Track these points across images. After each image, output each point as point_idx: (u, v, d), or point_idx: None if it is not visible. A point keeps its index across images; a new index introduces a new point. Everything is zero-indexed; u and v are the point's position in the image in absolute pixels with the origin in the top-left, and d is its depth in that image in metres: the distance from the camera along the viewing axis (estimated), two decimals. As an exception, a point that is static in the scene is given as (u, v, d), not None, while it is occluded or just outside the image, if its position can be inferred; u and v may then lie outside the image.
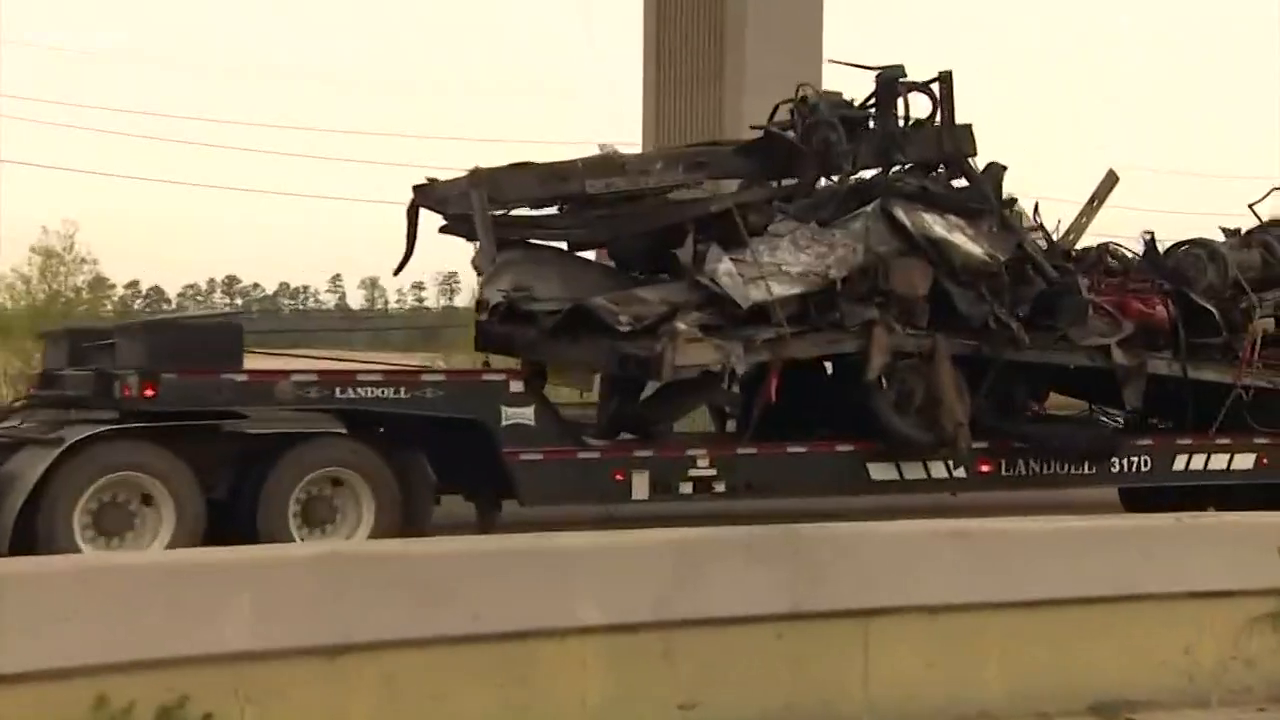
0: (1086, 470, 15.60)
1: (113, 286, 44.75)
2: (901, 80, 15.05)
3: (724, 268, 13.63)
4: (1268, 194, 17.27)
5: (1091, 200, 16.54)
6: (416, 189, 13.93)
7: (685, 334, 13.24)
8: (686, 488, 13.66)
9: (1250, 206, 17.28)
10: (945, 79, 15.23)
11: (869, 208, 14.37)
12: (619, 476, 13.36)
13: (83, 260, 36.45)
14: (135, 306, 39.86)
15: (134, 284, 42.83)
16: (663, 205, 14.09)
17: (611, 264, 15.09)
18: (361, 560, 7.68)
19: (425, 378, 12.94)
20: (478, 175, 13.69)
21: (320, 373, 12.61)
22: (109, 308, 43.02)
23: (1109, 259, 16.49)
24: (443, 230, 14.08)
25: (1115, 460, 15.74)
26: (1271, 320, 16.46)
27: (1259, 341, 16.23)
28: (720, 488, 13.80)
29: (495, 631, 7.39)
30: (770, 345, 13.74)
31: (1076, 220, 16.49)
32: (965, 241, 14.62)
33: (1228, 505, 15.81)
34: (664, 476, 13.58)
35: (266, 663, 6.87)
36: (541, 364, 14.31)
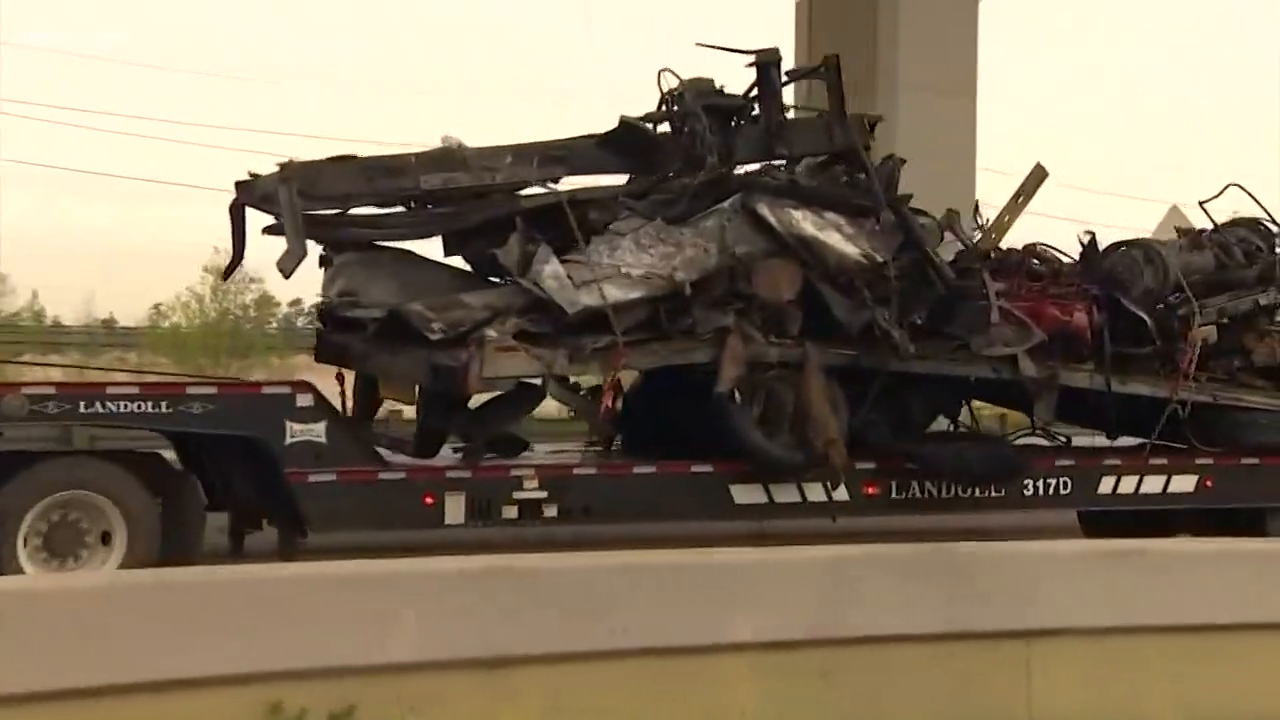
0: (993, 493, 13.66)
1: (278, 304, 44.59)
2: (783, 68, 13.24)
3: (549, 270, 12.04)
4: (1223, 190, 15.25)
5: (1016, 197, 14.76)
6: (239, 185, 12.43)
7: (494, 342, 11.65)
8: (511, 512, 12.05)
9: (1202, 204, 15.30)
10: (832, 65, 13.46)
11: (726, 204, 12.62)
12: (429, 500, 11.78)
13: (250, 280, 37.01)
14: (298, 324, 40.07)
15: (296, 302, 42.62)
16: (487, 202, 12.42)
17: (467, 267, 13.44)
18: (516, 574, 7.64)
19: (191, 391, 11.37)
20: (288, 169, 12.17)
21: (61, 385, 11.15)
22: (273, 325, 43.95)
23: (1034, 261, 14.54)
24: (267, 230, 12.55)
25: (1030, 482, 13.78)
26: (1213, 328, 14.44)
27: (1197, 352, 14.18)
28: (551, 512, 12.18)
29: (652, 646, 7.36)
30: (601, 355, 12.03)
31: (998, 219, 14.67)
32: (840, 241, 12.91)
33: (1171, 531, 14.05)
34: (484, 500, 11.96)
35: (429, 674, 6.96)
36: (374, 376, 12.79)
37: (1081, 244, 15.09)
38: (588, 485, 12.44)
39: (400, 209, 12.85)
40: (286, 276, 12.31)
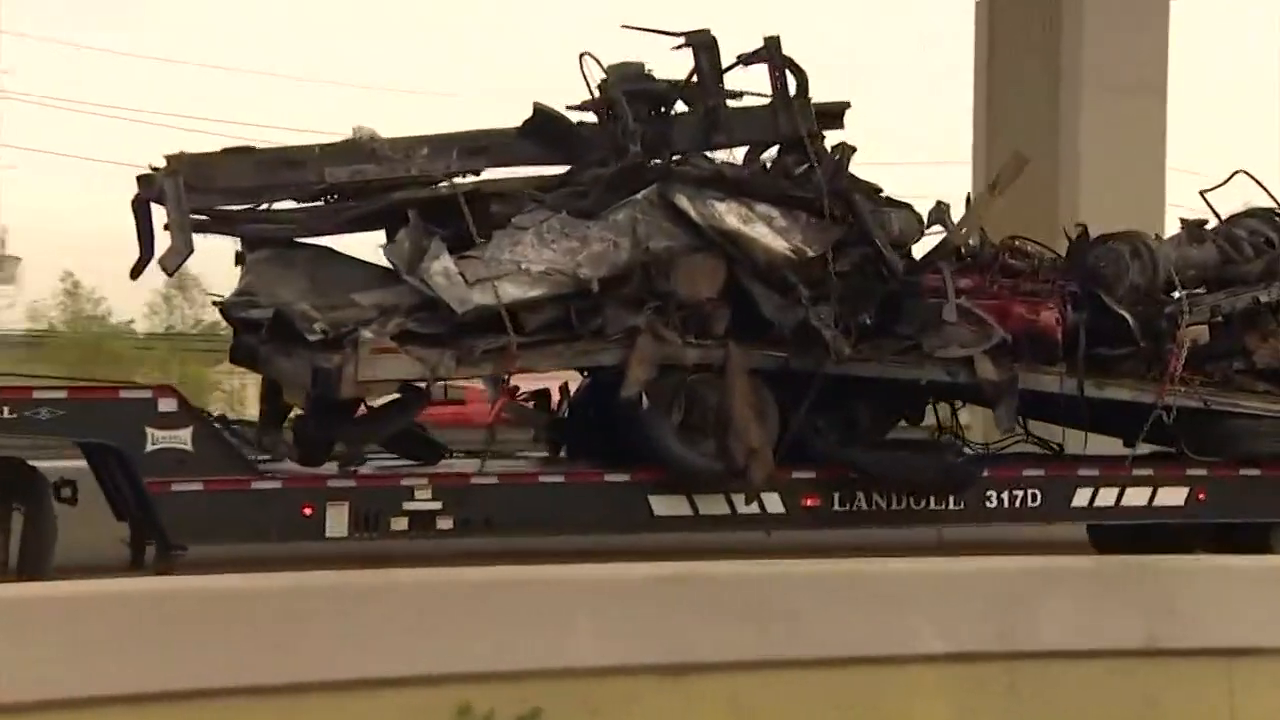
0: (950, 506, 12.47)
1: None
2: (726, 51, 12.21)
3: (438, 266, 11.16)
4: (1229, 179, 13.86)
5: (992, 187, 13.46)
6: (140, 180, 11.70)
7: (371, 344, 10.76)
8: (401, 524, 11.12)
9: (1203, 194, 13.92)
10: (773, 46, 12.37)
11: (640, 195, 11.59)
12: (308, 511, 10.92)
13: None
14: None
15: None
16: (378, 194, 11.55)
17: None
18: (699, 581, 7.53)
19: (38, 395, 10.63)
20: (175, 162, 11.40)
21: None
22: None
23: (1010, 257, 13.28)
24: (167, 227, 11.78)
25: (993, 494, 12.58)
26: (1204, 328, 13.08)
27: (1184, 353, 12.84)
28: (447, 524, 11.25)
29: (836, 656, 7.18)
30: (493, 357, 11.09)
31: (971, 211, 13.41)
32: (767, 234, 11.83)
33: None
34: (370, 511, 11.06)
35: (613, 678, 6.89)
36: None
37: (1069, 237, 13.76)
38: (487, 496, 11.50)
39: (295, 204, 11.97)
40: (169, 274, 11.58)
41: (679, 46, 12.30)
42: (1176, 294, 13.59)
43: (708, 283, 11.75)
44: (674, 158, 12.12)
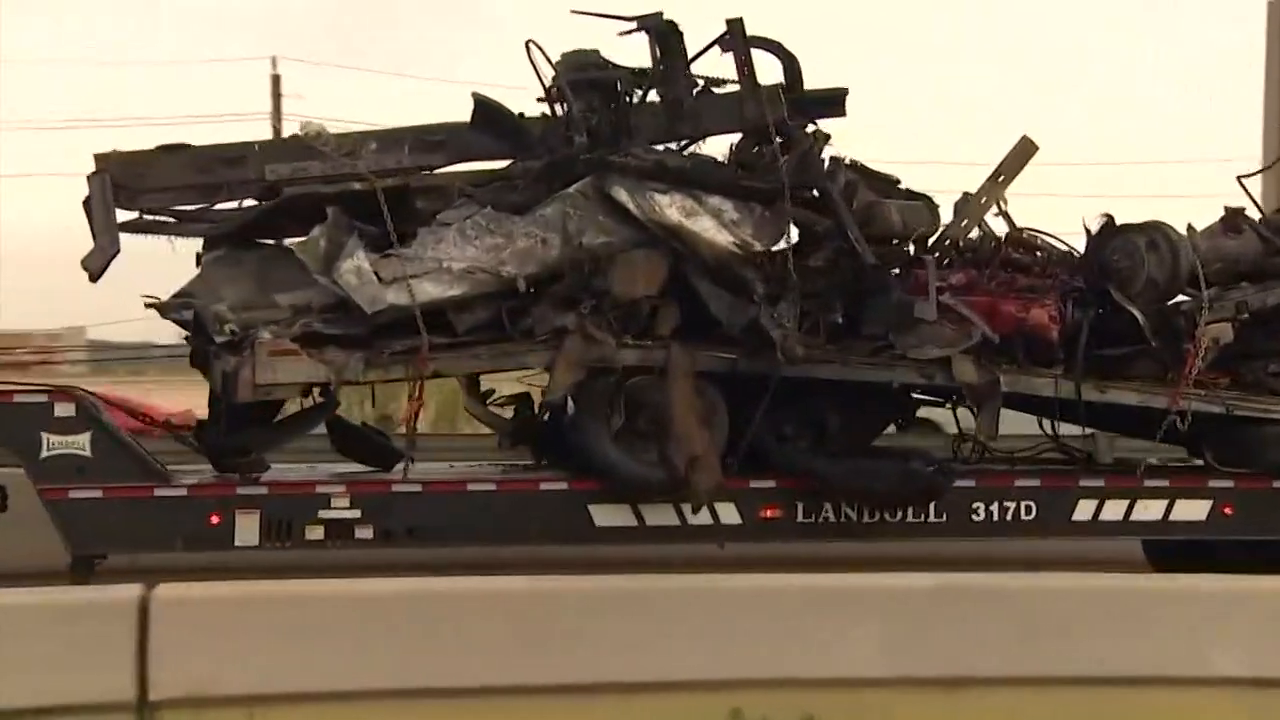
0: (929, 519, 11.40)
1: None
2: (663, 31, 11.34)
3: (349, 265, 10.55)
4: (1274, 163, 12.46)
5: (996, 175, 12.31)
6: (91, 179, 11.33)
7: (268, 345, 10.20)
8: (316, 533, 10.53)
9: (1240, 180, 12.54)
10: (736, 28, 11.45)
11: (573, 189, 10.80)
12: (215, 519, 10.40)
13: None
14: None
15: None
16: (303, 190, 10.98)
17: None
18: (975, 593, 7.23)
19: None
20: (103, 160, 11.00)
21: None
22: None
23: (1013, 251, 12.13)
24: (123, 228, 11.43)
25: (980, 506, 11.48)
26: (1227, 326, 11.75)
27: (1204, 353, 11.56)
28: (366, 533, 10.61)
29: (1119, 675, 6.74)
30: (404, 359, 10.44)
31: (974, 201, 12.28)
32: (712, 229, 10.91)
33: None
34: (282, 519, 10.49)
35: (885, 689, 6.64)
36: None
37: (1087, 229, 12.50)
38: (411, 504, 10.82)
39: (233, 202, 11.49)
40: (93, 278, 11.16)
41: (626, 32, 11.43)
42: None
43: (646, 280, 10.89)
44: (621, 149, 11.18)
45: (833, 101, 12.18)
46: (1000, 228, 12.30)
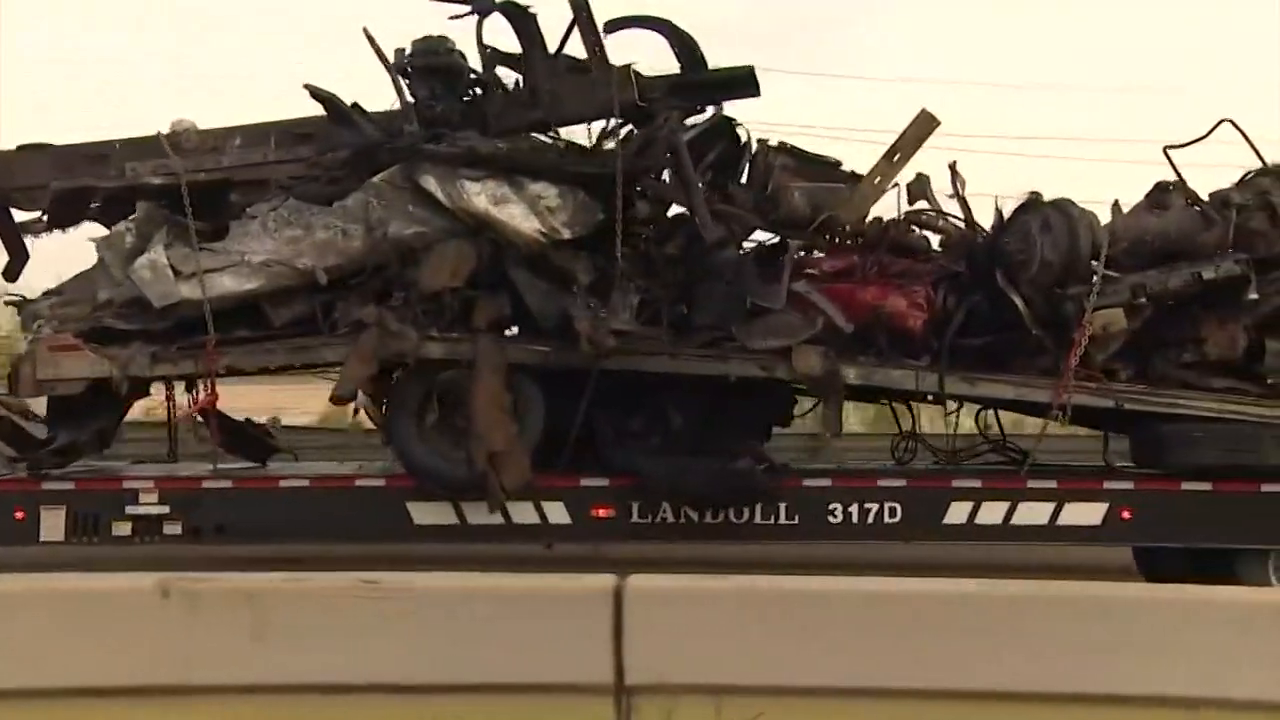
0: (781, 520, 10.48)
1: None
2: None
3: (144, 260, 10.26)
4: (1213, 129, 11.04)
5: (892, 154, 11.21)
6: None
7: (47, 342, 9.99)
8: (123, 529, 10.28)
9: (1166, 151, 11.11)
10: (580, 7, 10.74)
11: (379, 177, 10.28)
12: (19, 514, 10.26)
13: None
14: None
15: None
16: (123, 186, 10.73)
17: None
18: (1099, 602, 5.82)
19: None
20: None
21: None
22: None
23: (899, 233, 11.07)
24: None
25: (838, 508, 10.48)
26: (1120, 312, 10.43)
27: (1084, 342, 10.32)
28: (174, 529, 10.32)
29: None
30: (193, 354, 10.10)
31: (866, 180, 11.22)
32: (517, 215, 10.21)
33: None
34: (89, 515, 10.27)
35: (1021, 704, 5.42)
36: None
37: (998, 210, 11.28)
38: (220, 501, 10.43)
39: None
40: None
41: (455, 16, 10.78)
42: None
43: (453, 271, 10.24)
44: (446, 137, 10.56)
45: (739, 81, 11.28)
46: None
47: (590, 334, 10.06)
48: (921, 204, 11.53)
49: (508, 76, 11.20)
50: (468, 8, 10.81)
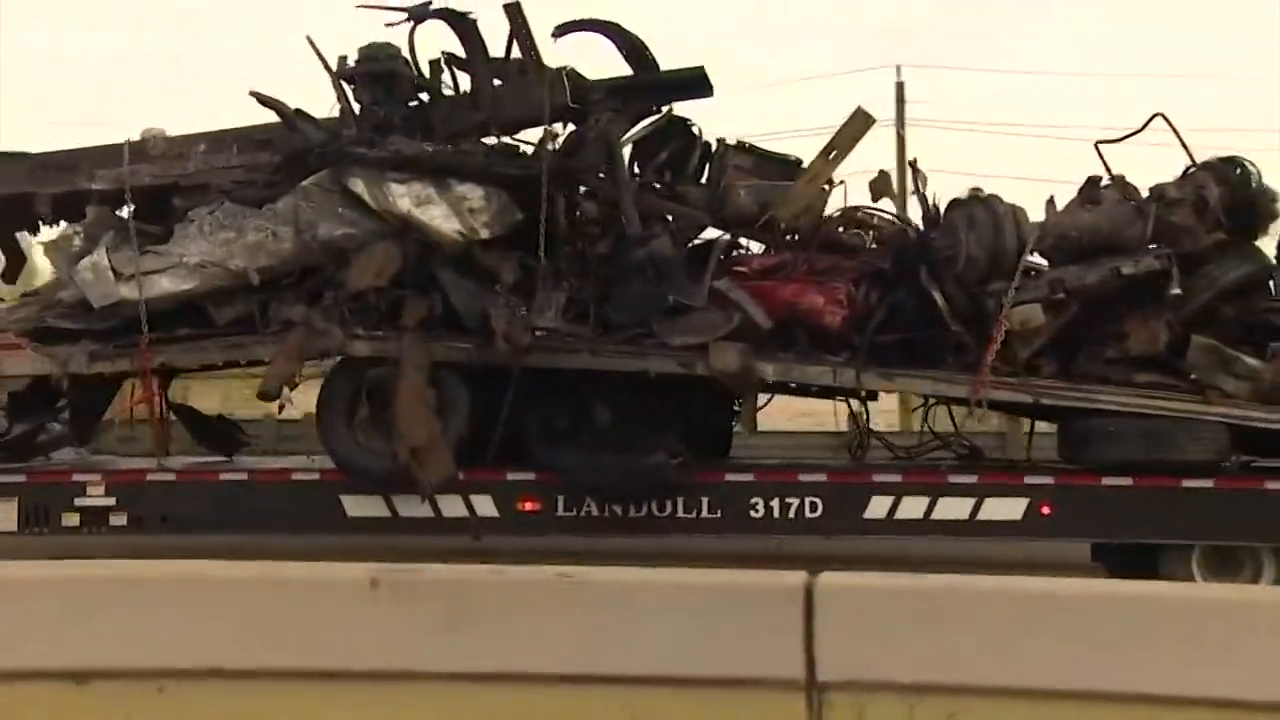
0: (704, 514, 10.62)
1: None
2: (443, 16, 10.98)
3: (87, 261, 10.71)
4: (1146, 124, 10.99)
5: (827, 152, 11.29)
6: None
7: (-10, 340, 10.46)
8: (72, 520, 10.71)
9: (1097, 146, 11.09)
10: (513, 13, 10.97)
11: (309, 181, 10.60)
12: None
13: None
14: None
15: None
16: (69, 191, 11.15)
17: None
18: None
19: None
20: None
21: None
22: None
23: (832, 231, 11.16)
24: None
25: (759, 502, 10.60)
26: (1038, 308, 10.42)
27: (1000, 338, 10.33)
28: (120, 520, 10.73)
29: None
30: (129, 352, 10.49)
31: (801, 179, 11.33)
32: (438, 216, 10.48)
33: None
34: (39, 506, 10.72)
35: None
36: None
37: (936, 207, 11.29)
38: (163, 493, 10.81)
39: None
40: None
41: (393, 23, 11.03)
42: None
43: (378, 271, 10.50)
44: (376, 141, 10.83)
45: (690, 82, 11.44)
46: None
47: (506, 332, 10.26)
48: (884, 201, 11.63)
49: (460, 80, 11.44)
50: (403, 15, 11.03)
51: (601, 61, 11.64)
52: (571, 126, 11.27)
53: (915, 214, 11.76)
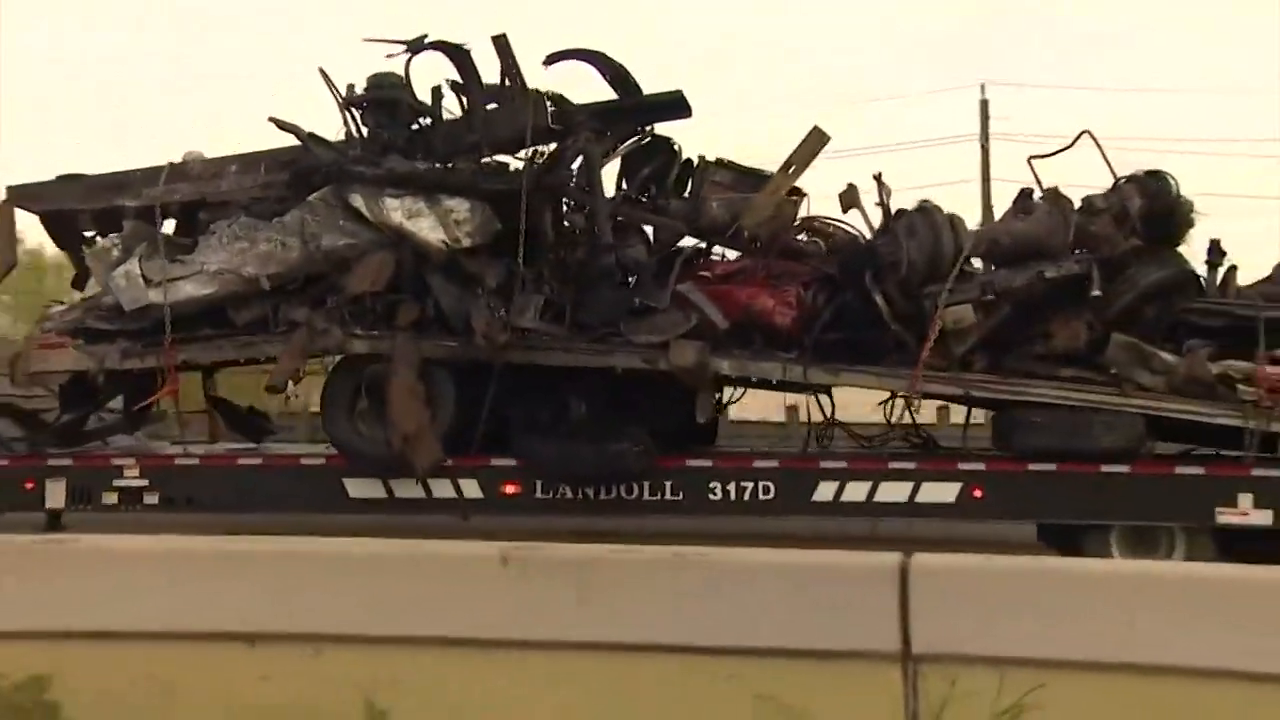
0: (668, 496, 11.74)
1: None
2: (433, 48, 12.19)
3: (121, 270, 12.05)
4: (1075, 140, 11.93)
5: (787, 166, 12.32)
6: (11, 190, 13.28)
7: (35, 339, 11.92)
8: (111, 499, 12.11)
9: (1030, 161, 12.04)
10: (500, 43, 12.16)
11: (314, 196, 11.87)
12: (29, 485, 12.14)
13: None
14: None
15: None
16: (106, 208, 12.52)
17: None
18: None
19: None
20: (11, 192, 12.96)
21: None
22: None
23: (790, 239, 12.22)
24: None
25: (718, 486, 11.68)
26: (969, 308, 11.39)
27: (934, 336, 11.32)
28: (152, 500, 12.09)
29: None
30: (156, 350, 11.85)
31: (762, 193, 12.36)
32: (426, 227, 11.70)
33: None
34: (84, 486, 12.13)
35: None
36: None
37: (887, 214, 12.26)
38: (190, 475, 12.13)
39: None
40: None
41: (393, 54, 12.23)
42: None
43: (374, 278, 11.71)
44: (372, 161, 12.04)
45: (669, 105, 12.49)
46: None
47: (485, 331, 11.42)
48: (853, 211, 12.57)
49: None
50: (402, 48, 12.23)
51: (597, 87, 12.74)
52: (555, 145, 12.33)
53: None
